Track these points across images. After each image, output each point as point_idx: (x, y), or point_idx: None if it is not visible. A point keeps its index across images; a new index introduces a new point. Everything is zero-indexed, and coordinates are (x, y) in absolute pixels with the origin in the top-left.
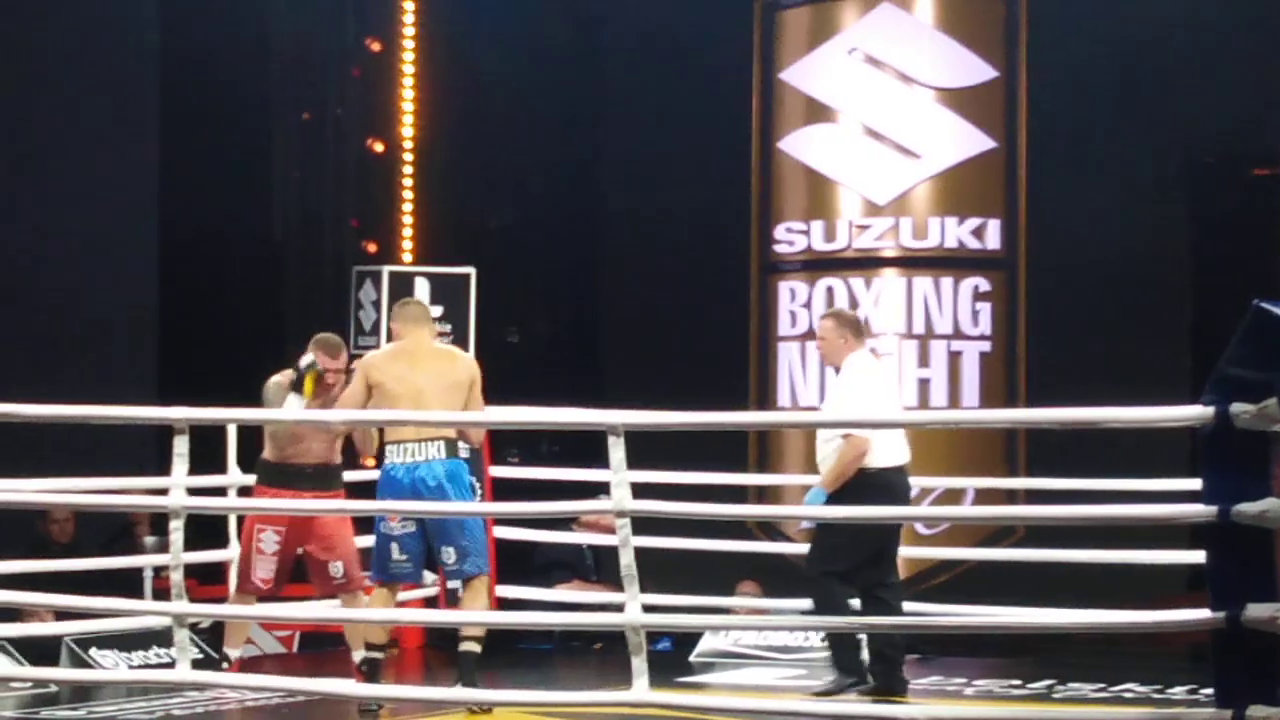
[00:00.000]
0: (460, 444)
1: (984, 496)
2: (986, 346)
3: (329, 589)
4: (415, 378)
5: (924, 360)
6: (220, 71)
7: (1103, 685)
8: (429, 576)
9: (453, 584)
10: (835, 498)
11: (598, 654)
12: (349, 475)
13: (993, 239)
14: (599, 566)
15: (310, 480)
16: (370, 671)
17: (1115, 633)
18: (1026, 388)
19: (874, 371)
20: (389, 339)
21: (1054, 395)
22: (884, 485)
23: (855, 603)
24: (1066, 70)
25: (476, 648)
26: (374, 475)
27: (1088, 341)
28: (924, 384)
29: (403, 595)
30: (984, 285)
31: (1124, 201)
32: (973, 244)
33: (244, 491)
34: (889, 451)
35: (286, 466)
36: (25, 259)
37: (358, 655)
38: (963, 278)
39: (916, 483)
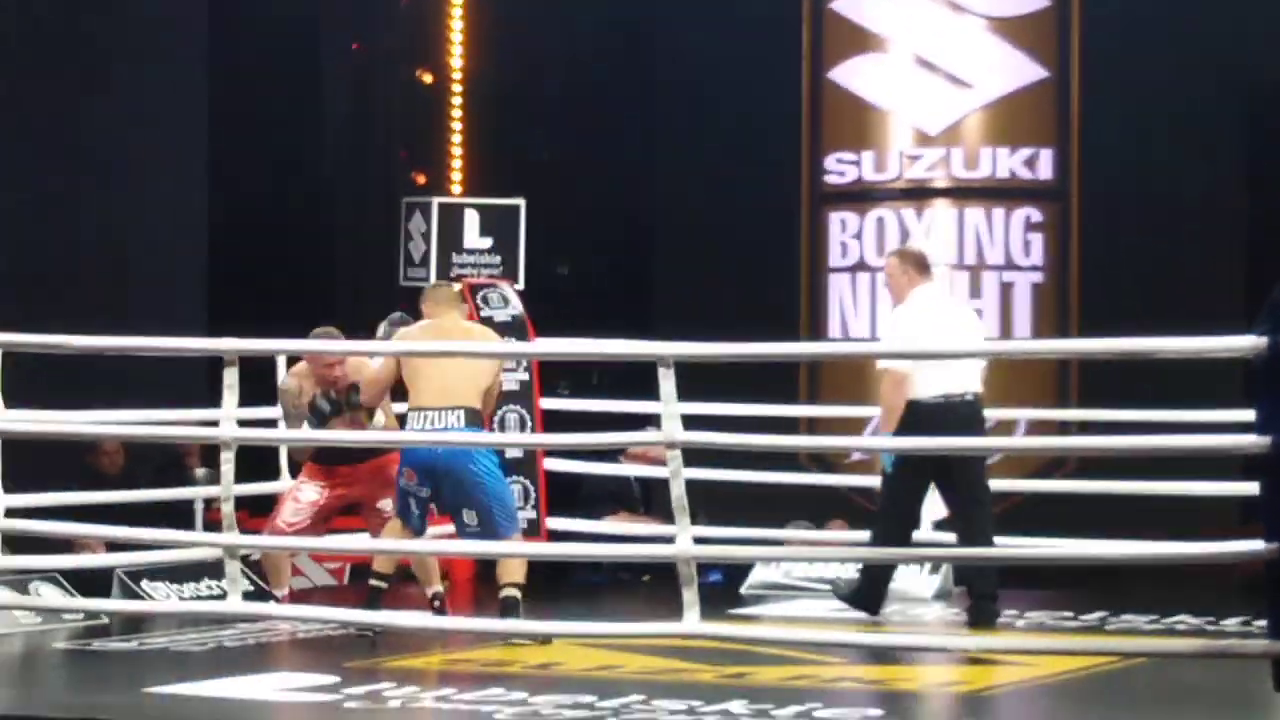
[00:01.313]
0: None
1: (1036, 428)
2: (1038, 277)
3: (381, 524)
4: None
5: (975, 291)
6: (269, 4)
7: (1155, 617)
8: None
9: None
10: (906, 427)
11: (646, 586)
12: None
13: (1045, 169)
14: (647, 499)
15: (356, 456)
16: (372, 599)
17: (1168, 564)
18: (1079, 319)
19: (933, 306)
20: (438, 275)
21: (1106, 326)
22: (931, 415)
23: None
24: None
25: (517, 593)
26: None
27: (1141, 272)
28: (976, 315)
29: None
30: (1036, 215)
31: (1178, 130)
32: (1025, 174)
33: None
34: (939, 381)
35: (330, 450)
36: (76, 192)
37: (430, 590)
38: (1014, 208)
39: None
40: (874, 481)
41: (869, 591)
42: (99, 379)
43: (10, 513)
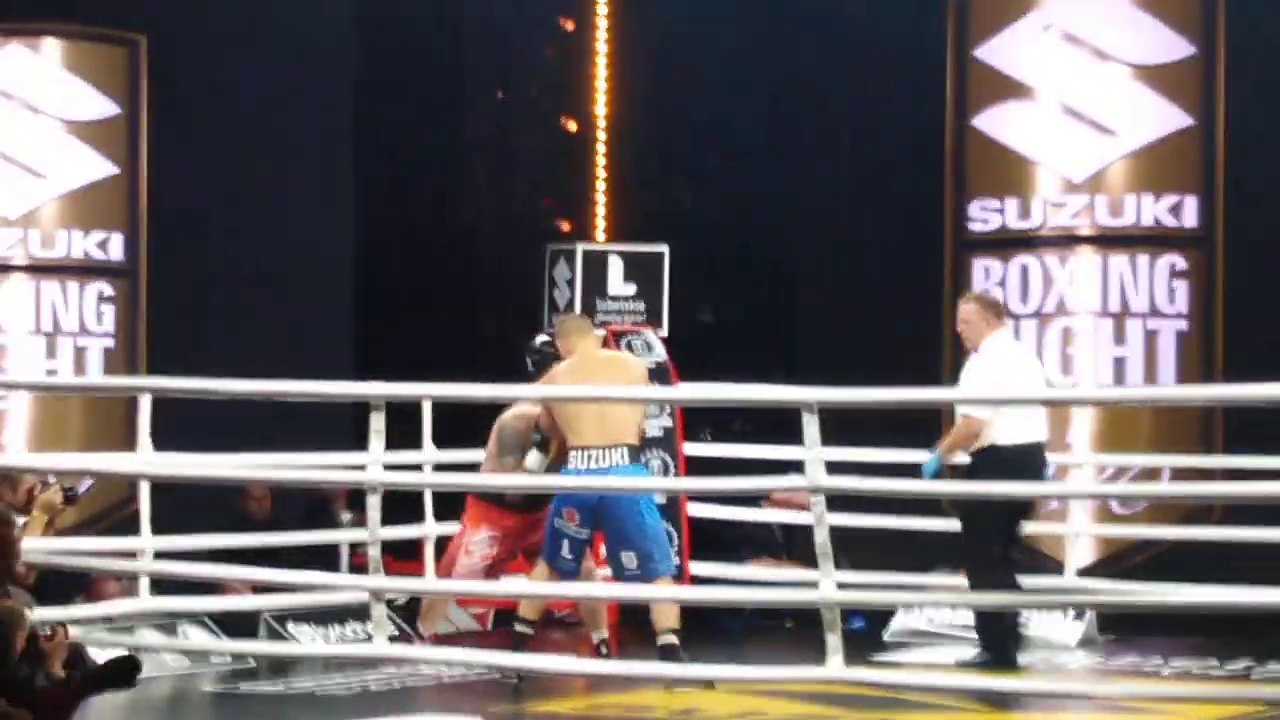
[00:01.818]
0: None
1: (1180, 475)
2: (1183, 325)
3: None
4: (595, 384)
5: (1120, 338)
6: (415, 50)
7: None
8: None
9: None
10: (969, 474)
11: (789, 632)
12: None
13: (1190, 216)
14: (789, 544)
15: (524, 504)
16: (517, 644)
17: None
18: (1224, 367)
19: (1013, 350)
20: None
21: (1252, 374)
22: (1011, 460)
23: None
24: (1265, 45)
25: (675, 640)
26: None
27: None
28: (1119, 362)
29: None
30: (1180, 263)
31: None
32: (1169, 221)
33: (441, 468)
34: (1019, 429)
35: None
36: (226, 238)
37: (596, 636)
38: (1159, 255)
39: (1111, 460)
40: (1023, 528)
41: (997, 645)
42: (247, 422)
43: (159, 555)
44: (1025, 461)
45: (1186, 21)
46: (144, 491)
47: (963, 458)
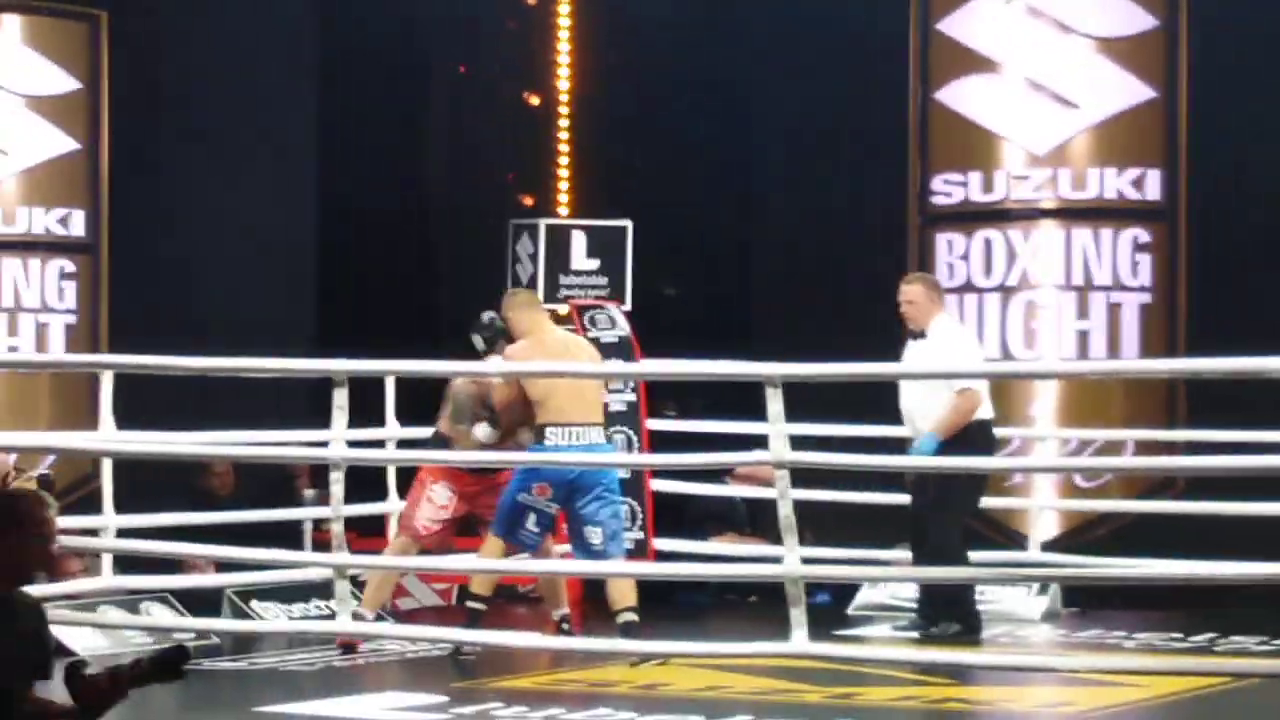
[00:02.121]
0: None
1: (1144, 449)
2: (1147, 298)
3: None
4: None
5: (1083, 312)
6: (377, 26)
7: (1265, 638)
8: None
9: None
10: (950, 448)
11: (752, 606)
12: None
13: (1153, 189)
14: (753, 520)
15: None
16: (471, 620)
17: (1278, 585)
18: (1186, 339)
19: (966, 330)
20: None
21: (1215, 347)
22: (990, 436)
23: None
24: (1228, 17)
25: (635, 617)
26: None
27: (1249, 292)
28: (1083, 335)
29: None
30: (1144, 236)
31: None
32: (1132, 194)
33: (404, 445)
34: (988, 405)
35: (458, 445)
36: (183, 212)
37: (556, 613)
38: (1122, 229)
39: (1075, 434)
40: (986, 502)
41: (959, 612)
42: (209, 399)
43: (122, 533)
44: (991, 438)
45: None
46: (106, 469)
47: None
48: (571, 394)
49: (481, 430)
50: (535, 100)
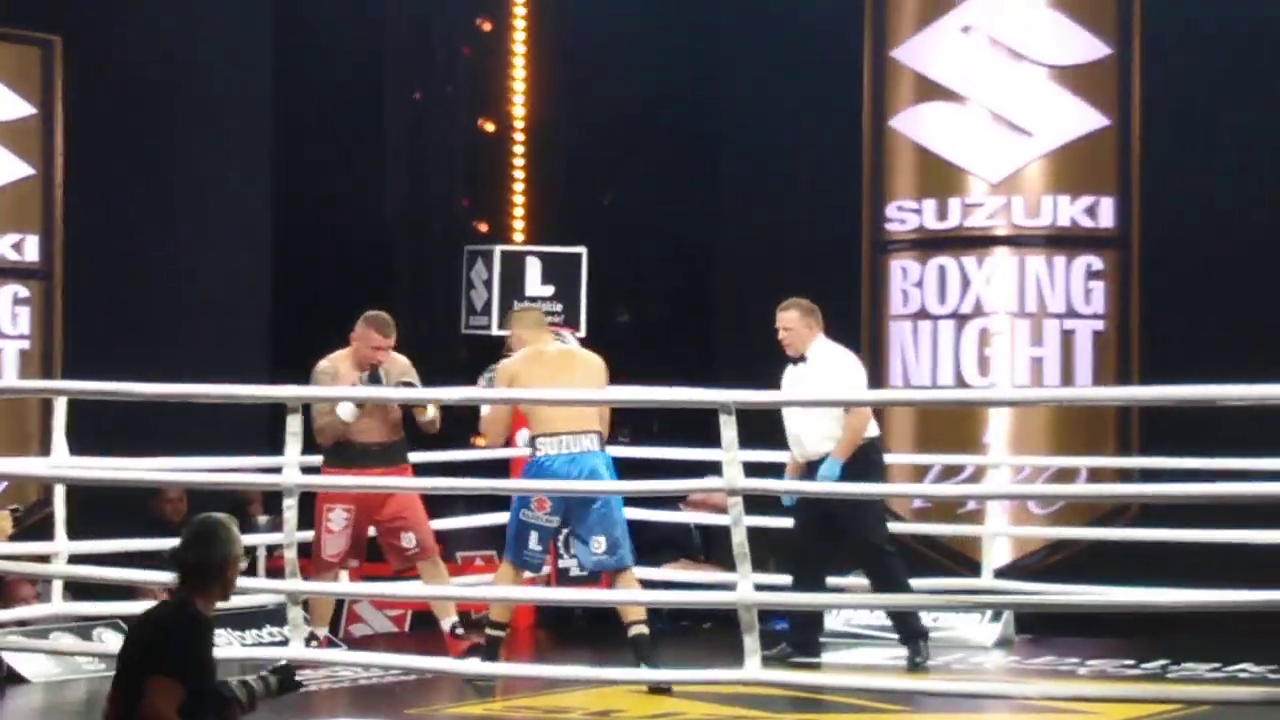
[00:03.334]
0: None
1: (1097, 476)
2: (1100, 325)
3: (403, 561)
4: (561, 379)
5: (1037, 339)
6: (332, 50)
7: (1217, 665)
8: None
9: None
10: (850, 469)
11: (707, 633)
12: (465, 455)
13: (1106, 217)
14: (707, 547)
15: (375, 458)
16: (490, 650)
17: (1231, 612)
18: (1140, 367)
19: (846, 352)
20: (502, 324)
21: (1168, 374)
22: (877, 453)
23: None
24: (1181, 46)
25: (646, 630)
26: (487, 455)
27: (1202, 320)
28: (1036, 363)
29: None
30: (1097, 264)
31: (1239, 179)
32: (1085, 222)
33: (310, 472)
34: (874, 423)
35: (350, 445)
36: (138, 238)
37: (446, 623)
38: (1075, 256)
39: (1029, 461)
40: (939, 530)
41: (914, 630)
42: (163, 425)
43: (74, 559)
44: (881, 456)
45: (1102, 22)
46: (59, 495)
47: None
48: (566, 408)
49: (344, 408)
50: (490, 127)
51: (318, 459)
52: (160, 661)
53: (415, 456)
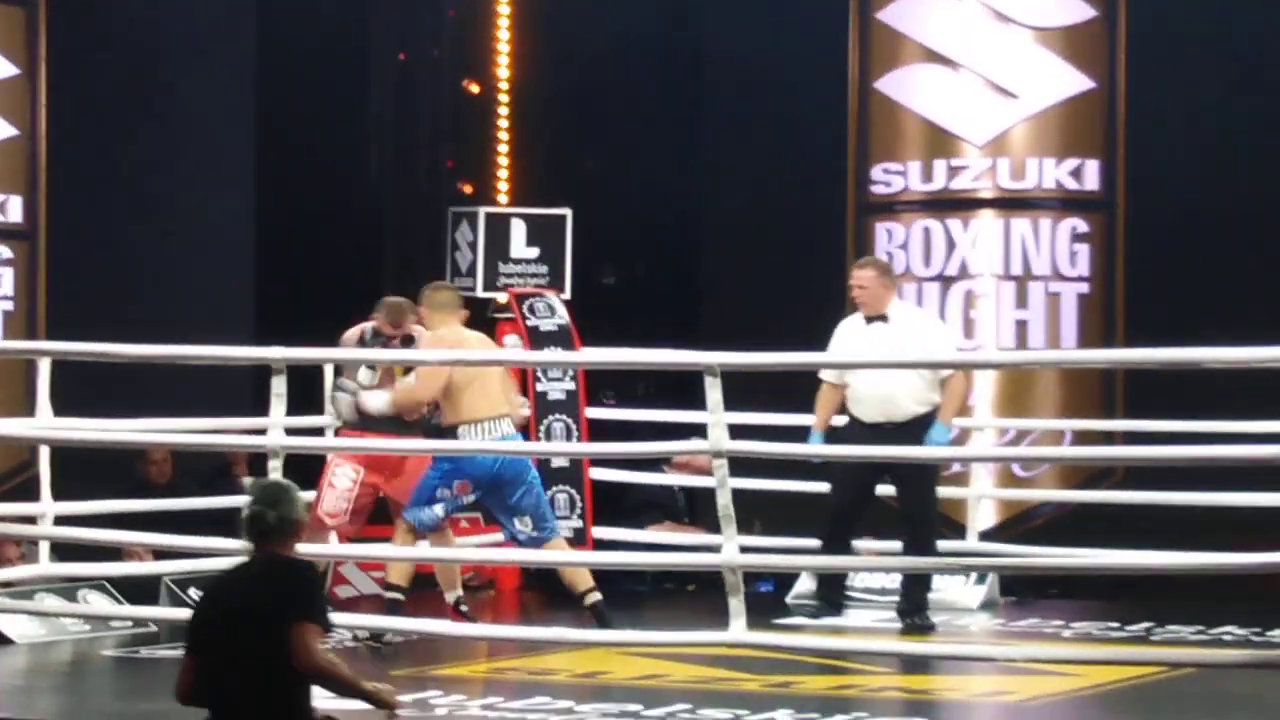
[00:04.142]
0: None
1: (1082, 439)
2: (1085, 288)
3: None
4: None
5: (1022, 301)
6: (316, 12)
7: (1201, 628)
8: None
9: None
10: (915, 435)
11: (691, 595)
12: None
13: (1091, 180)
14: (691, 509)
15: (389, 423)
16: (390, 610)
17: (1215, 575)
18: (1125, 330)
19: (929, 311)
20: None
21: (1152, 337)
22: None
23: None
24: (1167, 8)
25: (599, 595)
26: None
27: (1187, 283)
28: (1021, 325)
29: (491, 538)
30: (1082, 226)
31: (1224, 142)
32: (1071, 185)
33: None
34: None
35: (367, 414)
36: (126, 201)
37: (451, 595)
38: (1061, 219)
39: (1014, 424)
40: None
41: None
42: (147, 387)
43: (59, 520)
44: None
45: None
46: (43, 456)
47: (840, 420)
48: (477, 390)
49: (366, 371)
50: (475, 88)
51: (303, 420)
52: (306, 609)
53: None
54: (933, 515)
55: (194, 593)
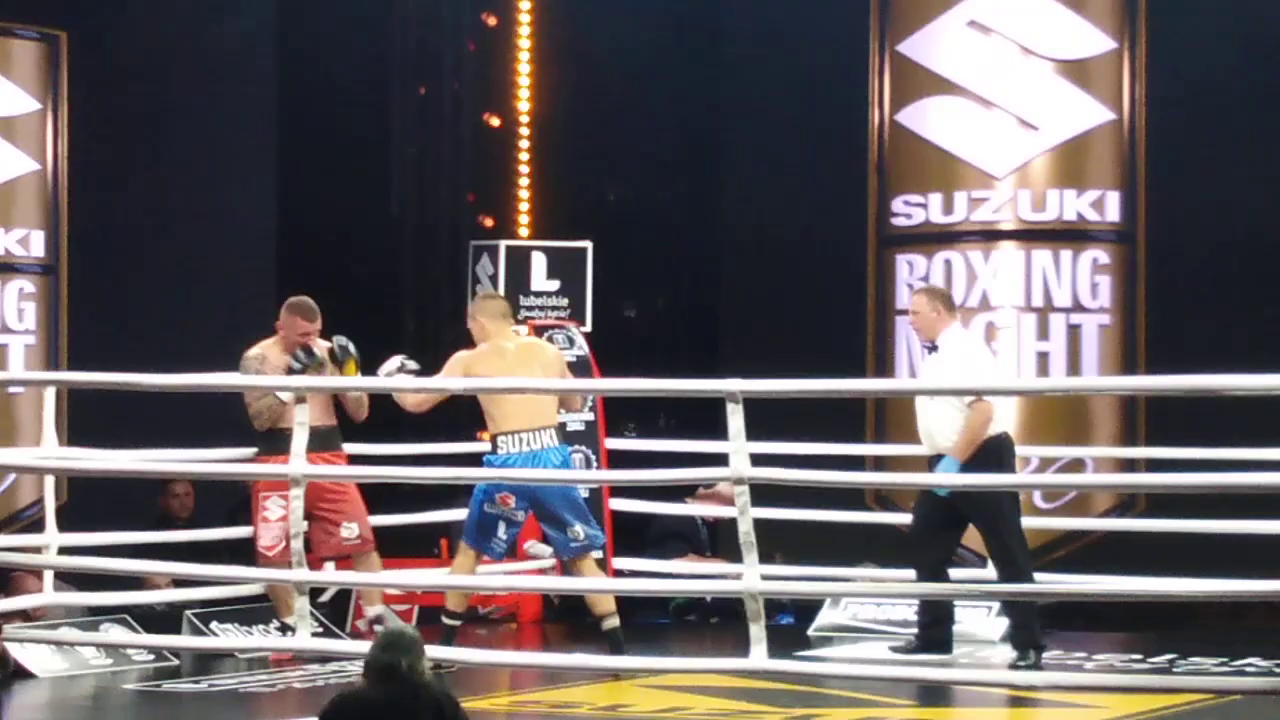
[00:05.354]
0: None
1: (1103, 468)
2: (1106, 319)
3: (342, 550)
4: (519, 373)
5: (1043, 333)
6: (337, 45)
7: (1225, 659)
8: (544, 550)
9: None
10: (969, 466)
11: (713, 628)
12: (450, 448)
13: (1112, 211)
14: (713, 541)
15: (311, 443)
16: (446, 638)
17: (1239, 602)
18: (1146, 361)
19: (978, 341)
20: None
21: (1173, 368)
22: (1009, 449)
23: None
24: (1186, 40)
25: (618, 621)
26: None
27: (1207, 315)
28: (1043, 357)
29: (513, 566)
30: (1103, 258)
31: (1244, 173)
32: (1092, 216)
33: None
34: (1005, 417)
35: (284, 432)
36: (145, 233)
37: (371, 611)
38: (1082, 250)
39: (1037, 452)
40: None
41: (936, 633)
42: (166, 418)
43: (72, 551)
44: (1008, 452)
45: (1108, 16)
46: (48, 486)
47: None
48: (520, 401)
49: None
50: (496, 121)
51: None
52: None
53: (417, 449)
54: (1010, 545)
55: (215, 626)
